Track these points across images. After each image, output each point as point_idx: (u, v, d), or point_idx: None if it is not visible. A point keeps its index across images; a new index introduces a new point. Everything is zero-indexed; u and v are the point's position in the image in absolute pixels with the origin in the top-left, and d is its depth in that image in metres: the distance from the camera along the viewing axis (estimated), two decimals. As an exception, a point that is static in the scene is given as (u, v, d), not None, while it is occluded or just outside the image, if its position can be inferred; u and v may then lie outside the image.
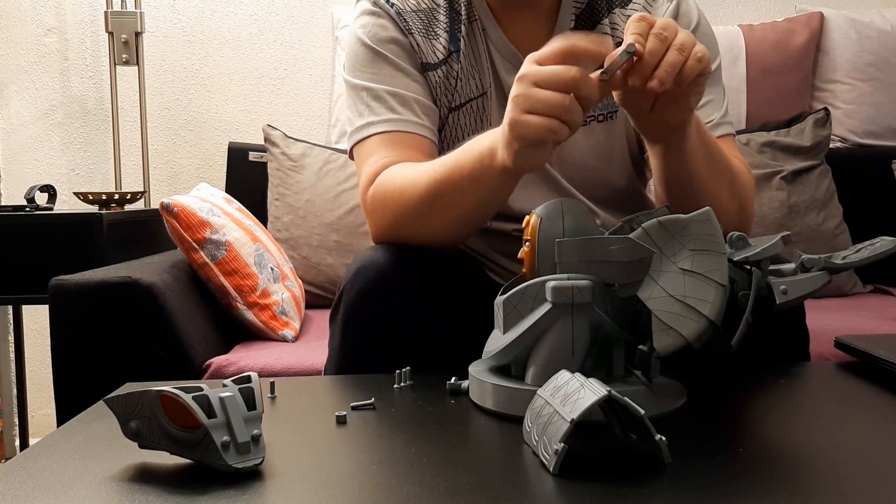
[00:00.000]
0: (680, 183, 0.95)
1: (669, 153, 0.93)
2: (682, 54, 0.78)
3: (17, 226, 1.66)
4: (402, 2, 1.10)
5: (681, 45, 0.78)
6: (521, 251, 0.79)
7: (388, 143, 1.04)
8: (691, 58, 0.79)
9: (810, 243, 1.83)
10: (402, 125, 1.05)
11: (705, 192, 0.96)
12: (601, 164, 1.11)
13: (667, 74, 0.78)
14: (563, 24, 1.08)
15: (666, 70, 0.78)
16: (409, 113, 1.05)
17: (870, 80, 2.12)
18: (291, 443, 0.67)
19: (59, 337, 1.30)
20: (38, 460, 0.64)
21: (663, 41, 0.78)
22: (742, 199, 1.01)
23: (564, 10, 1.08)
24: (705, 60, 0.80)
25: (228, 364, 1.33)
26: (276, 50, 2.32)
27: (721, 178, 0.97)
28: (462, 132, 1.10)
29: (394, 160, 1.02)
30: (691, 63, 0.79)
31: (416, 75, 1.08)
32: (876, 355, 0.85)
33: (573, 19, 1.09)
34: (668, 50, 0.78)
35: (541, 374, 0.71)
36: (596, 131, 1.10)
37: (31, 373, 2.24)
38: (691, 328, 0.66)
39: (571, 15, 1.09)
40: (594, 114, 1.09)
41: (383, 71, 1.07)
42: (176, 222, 1.48)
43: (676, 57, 0.78)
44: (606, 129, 1.10)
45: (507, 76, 1.08)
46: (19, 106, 2.30)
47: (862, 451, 0.61)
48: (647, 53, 0.77)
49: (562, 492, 0.54)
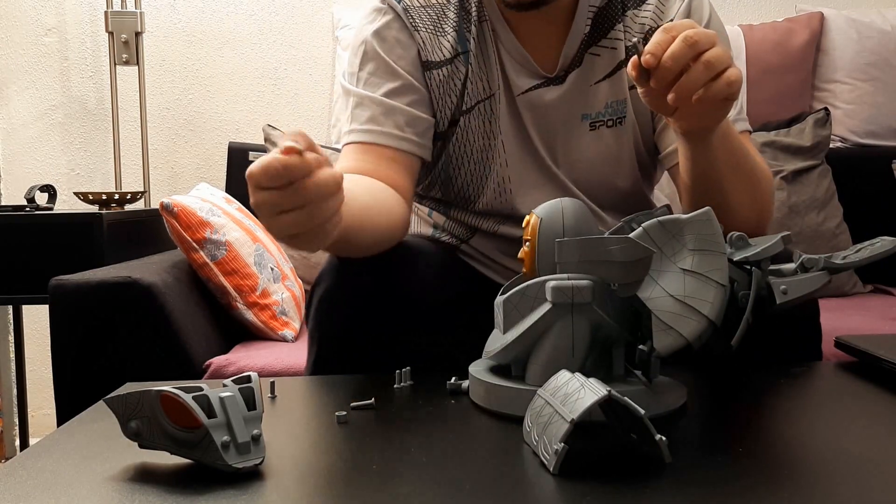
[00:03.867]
0: (703, 180, 0.94)
1: (693, 151, 0.91)
2: (708, 71, 0.74)
3: (17, 226, 1.66)
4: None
5: (710, 62, 0.74)
6: (521, 251, 0.79)
7: (360, 152, 1.03)
8: (721, 80, 0.75)
9: (810, 243, 1.83)
10: (379, 137, 1.03)
11: (726, 196, 0.94)
12: (608, 168, 1.10)
13: (685, 91, 0.75)
14: (579, 26, 1.06)
15: (685, 87, 0.74)
16: (390, 124, 1.03)
17: (870, 80, 2.12)
18: (291, 443, 0.67)
19: (59, 337, 1.30)
20: (38, 460, 0.64)
21: (691, 46, 0.74)
22: (762, 206, 1.00)
23: (580, 13, 1.06)
24: (736, 86, 0.75)
25: (228, 364, 1.33)
26: (276, 50, 2.32)
27: (744, 186, 0.96)
28: (473, 135, 1.09)
29: (355, 169, 1.00)
30: (720, 86, 0.75)
31: (412, 81, 1.06)
32: (876, 355, 0.85)
33: (588, 23, 1.07)
34: (696, 62, 0.74)
35: (541, 374, 0.71)
36: (605, 136, 1.09)
37: (31, 373, 2.24)
38: (691, 328, 0.66)
39: (587, 18, 1.07)
40: (603, 119, 1.08)
41: (375, 76, 1.06)
42: (176, 222, 1.48)
43: (701, 74, 0.74)
44: (615, 134, 1.09)
45: (517, 79, 1.07)
46: (19, 106, 2.30)
47: (862, 451, 0.61)
48: (668, 57, 0.74)
49: (562, 492, 0.54)
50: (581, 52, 1.07)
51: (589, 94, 1.08)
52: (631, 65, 0.78)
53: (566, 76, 1.08)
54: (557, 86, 1.08)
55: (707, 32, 0.75)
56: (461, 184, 1.12)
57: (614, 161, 1.10)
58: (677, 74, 0.75)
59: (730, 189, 0.95)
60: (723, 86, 0.75)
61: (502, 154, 1.09)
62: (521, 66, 1.07)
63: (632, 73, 0.78)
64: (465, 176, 1.11)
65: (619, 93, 1.08)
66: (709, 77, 0.75)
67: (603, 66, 1.07)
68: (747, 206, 0.97)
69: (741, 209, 0.96)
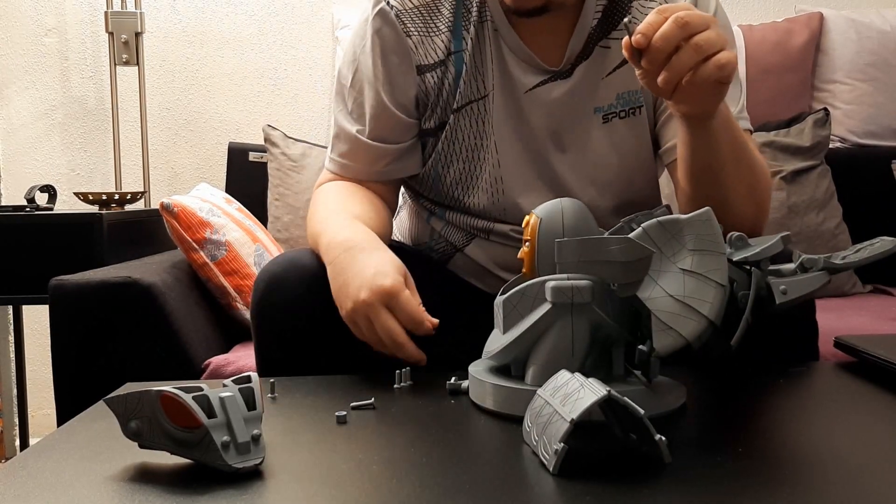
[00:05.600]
0: (702, 169, 0.94)
1: (694, 136, 0.91)
2: (698, 54, 0.74)
3: (17, 226, 1.66)
4: (401, 2, 1.08)
5: (699, 44, 0.74)
6: (521, 251, 0.79)
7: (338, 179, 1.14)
8: (711, 62, 0.74)
9: (810, 243, 1.83)
10: (352, 171, 1.12)
11: (724, 188, 0.94)
12: (623, 161, 1.09)
13: (674, 75, 0.75)
14: (586, 20, 1.05)
15: (675, 70, 0.74)
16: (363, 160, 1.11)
17: (869, 81, 2.12)
18: (291, 443, 0.67)
19: (59, 337, 1.30)
20: (38, 460, 0.64)
21: (682, 27, 0.73)
22: (760, 201, 1.00)
23: (588, 7, 1.05)
24: (727, 69, 0.75)
25: (227, 364, 1.33)
26: (276, 50, 2.32)
27: (743, 178, 0.96)
28: (462, 134, 1.09)
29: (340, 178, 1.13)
30: (710, 68, 0.75)
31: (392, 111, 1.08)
32: (875, 355, 0.85)
33: (598, 16, 1.06)
34: (686, 45, 0.74)
35: (541, 374, 0.71)
36: (618, 128, 1.08)
37: (31, 373, 2.23)
38: (691, 328, 0.66)
39: (596, 12, 1.06)
40: (615, 110, 1.07)
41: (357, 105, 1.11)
42: (176, 222, 1.48)
43: (690, 57, 0.74)
44: (629, 125, 1.08)
45: (522, 77, 1.07)
46: (19, 106, 2.30)
47: (862, 451, 0.61)
48: (658, 37, 0.74)
49: (562, 492, 0.54)
50: (590, 46, 1.07)
51: (600, 86, 1.07)
52: (623, 44, 0.78)
53: (573, 70, 1.07)
54: (565, 80, 1.07)
55: (701, 15, 0.75)
56: (450, 182, 1.11)
57: (631, 153, 1.09)
58: (668, 55, 0.75)
59: (729, 180, 0.94)
60: (713, 68, 0.75)
61: (495, 155, 1.08)
62: (527, 63, 1.07)
63: (625, 52, 0.78)
64: (454, 175, 1.11)
65: (631, 83, 1.06)
66: (698, 59, 0.74)
67: (613, 58, 1.07)
68: (745, 199, 0.97)
69: (739, 202, 0.96)
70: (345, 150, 1.12)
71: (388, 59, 1.08)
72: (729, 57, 0.76)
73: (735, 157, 0.94)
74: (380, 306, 0.85)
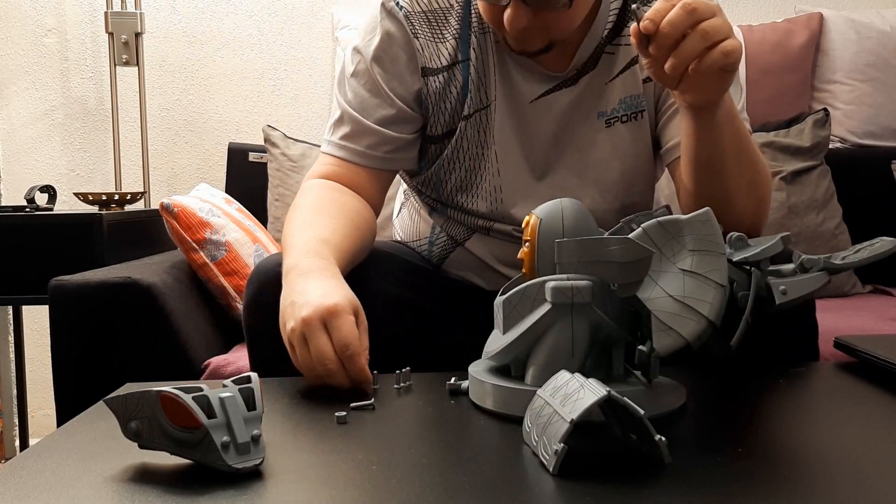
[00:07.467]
0: (705, 161, 0.94)
1: (698, 127, 0.91)
2: (705, 41, 0.75)
3: (17, 226, 1.66)
4: (410, 4, 1.08)
5: (706, 31, 0.75)
6: (521, 251, 0.79)
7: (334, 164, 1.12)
8: (717, 50, 0.75)
9: (810, 244, 1.83)
10: (351, 154, 1.11)
11: (726, 181, 0.94)
12: (626, 164, 1.09)
13: (681, 62, 0.75)
14: (597, 31, 1.05)
15: (682, 56, 0.75)
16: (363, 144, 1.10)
17: (869, 81, 2.12)
18: (291, 443, 0.67)
19: (59, 337, 1.30)
20: (38, 460, 0.64)
21: (689, 14, 0.74)
22: (760, 197, 1.00)
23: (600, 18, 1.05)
24: (733, 56, 0.76)
25: (227, 364, 1.33)
26: (276, 50, 2.32)
27: (745, 172, 0.96)
28: (467, 142, 1.10)
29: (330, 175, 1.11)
30: (716, 56, 0.76)
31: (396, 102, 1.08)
32: (875, 355, 0.85)
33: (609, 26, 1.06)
34: (693, 32, 0.75)
35: (541, 375, 0.71)
36: (620, 132, 1.08)
37: (31, 373, 2.24)
38: (691, 328, 0.66)
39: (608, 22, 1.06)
40: (618, 115, 1.08)
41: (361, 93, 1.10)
42: (176, 222, 1.48)
43: (697, 44, 0.75)
44: (630, 129, 1.09)
45: (527, 87, 1.07)
46: (19, 106, 2.30)
47: (862, 452, 0.61)
48: (666, 23, 0.75)
49: (562, 492, 0.54)
50: (598, 53, 1.07)
51: (604, 91, 1.08)
52: (631, 31, 0.78)
53: (578, 77, 1.08)
54: (570, 87, 1.08)
55: (708, 3, 0.76)
56: (451, 189, 1.12)
57: (633, 156, 1.09)
58: (675, 41, 0.76)
59: (731, 173, 0.95)
60: (719, 55, 0.76)
61: (494, 164, 1.09)
62: (530, 72, 1.07)
63: (633, 39, 0.78)
64: (454, 181, 1.12)
65: (633, 87, 1.07)
66: (705, 46, 0.75)
67: (618, 63, 1.07)
68: (747, 194, 0.97)
69: (741, 197, 0.96)
70: (347, 132, 1.11)
71: (395, 53, 1.08)
72: (735, 45, 0.77)
73: (738, 149, 0.94)
74: (319, 325, 0.80)
